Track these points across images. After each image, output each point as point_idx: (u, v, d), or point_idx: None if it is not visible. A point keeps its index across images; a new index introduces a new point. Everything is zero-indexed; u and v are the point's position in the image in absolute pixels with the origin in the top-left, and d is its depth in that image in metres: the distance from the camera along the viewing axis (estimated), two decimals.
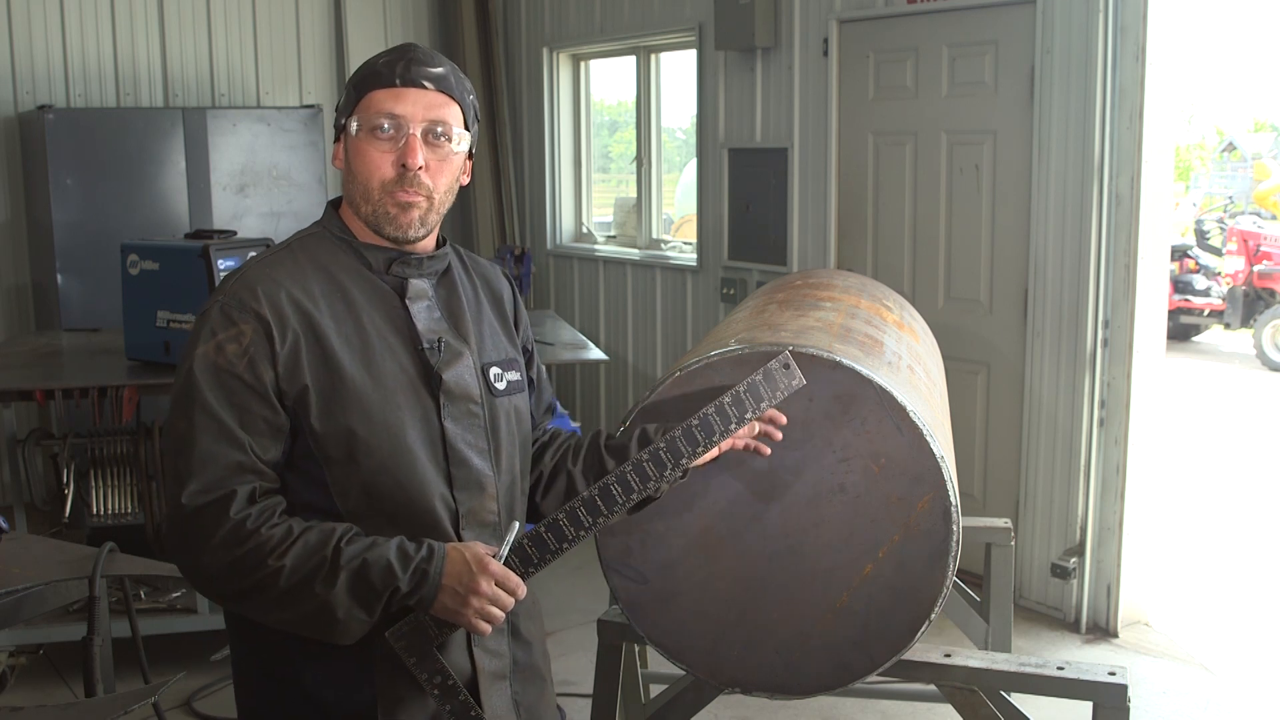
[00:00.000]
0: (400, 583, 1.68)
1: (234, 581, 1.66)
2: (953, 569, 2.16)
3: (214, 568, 1.66)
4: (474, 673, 1.85)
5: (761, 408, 1.92)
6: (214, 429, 1.67)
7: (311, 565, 1.65)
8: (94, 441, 4.49)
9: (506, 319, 2.01)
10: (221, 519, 1.64)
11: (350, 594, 1.66)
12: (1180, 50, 4.46)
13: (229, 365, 1.69)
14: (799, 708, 3.96)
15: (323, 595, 1.65)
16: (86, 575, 2.62)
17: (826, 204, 5.49)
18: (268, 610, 1.69)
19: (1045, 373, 4.68)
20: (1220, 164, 20.14)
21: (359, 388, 1.74)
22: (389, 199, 1.79)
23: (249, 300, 1.72)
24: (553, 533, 1.80)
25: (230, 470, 1.67)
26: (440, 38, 7.59)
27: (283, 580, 1.64)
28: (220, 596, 1.72)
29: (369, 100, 1.79)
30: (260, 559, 1.64)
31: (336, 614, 1.66)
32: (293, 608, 1.67)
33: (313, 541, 1.67)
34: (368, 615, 1.69)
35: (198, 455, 1.66)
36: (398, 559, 1.68)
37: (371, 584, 1.67)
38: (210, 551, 1.64)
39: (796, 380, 1.94)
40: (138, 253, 4.25)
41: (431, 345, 1.83)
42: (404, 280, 1.85)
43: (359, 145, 1.80)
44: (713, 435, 1.89)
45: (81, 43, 6.41)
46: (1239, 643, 4.65)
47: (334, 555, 1.66)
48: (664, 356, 6.59)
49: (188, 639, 4.22)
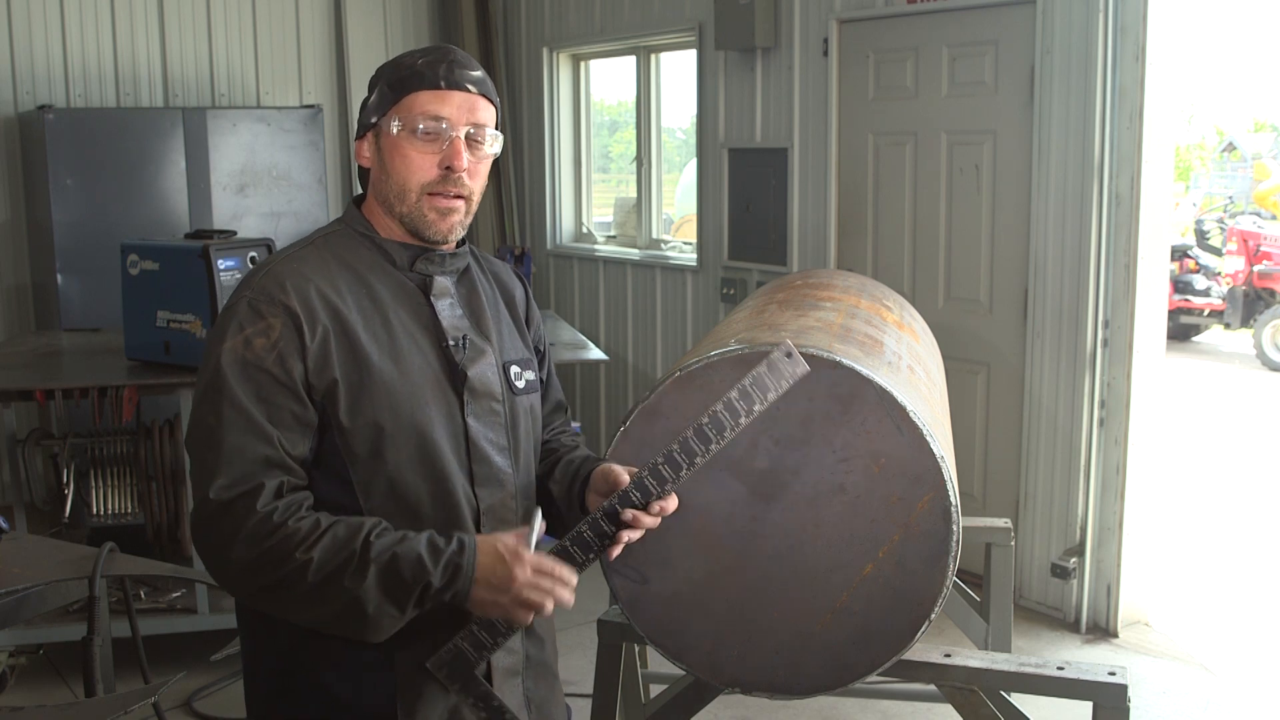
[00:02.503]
0: (432, 577, 1.65)
1: (261, 576, 1.63)
2: (953, 569, 2.16)
3: (241, 562, 1.63)
4: (488, 669, 1.86)
5: (769, 398, 1.90)
6: (242, 423, 1.66)
7: (340, 559, 1.63)
8: (94, 441, 4.49)
9: (519, 318, 2.02)
10: (249, 512, 1.62)
11: (380, 589, 1.64)
12: (1180, 50, 4.46)
13: (257, 360, 1.68)
14: (799, 708, 3.96)
15: (352, 590, 1.62)
16: (86, 575, 2.62)
17: (826, 204, 5.49)
18: (296, 606, 1.66)
19: (1045, 373, 4.68)
20: (1220, 164, 20.15)
21: (387, 382, 1.74)
22: (428, 202, 1.80)
23: (277, 294, 1.72)
24: (578, 545, 1.81)
25: (258, 464, 1.65)
26: (440, 38, 7.58)
27: (310, 574, 1.61)
28: (247, 593, 1.69)
29: (411, 101, 1.79)
30: (287, 552, 1.62)
31: (367, 610, 1.64)
32: (321, 603, 1.64)
33: (341, 535, 1.65)
34: (399, 611, 1.66)
35: (226, 449, 1.65)
36: (428, 553, 1.66)
37: (403, 578, 1.64)
38: (237, 545, 1.62)
39: (801, 368, 1.93)
40: (138, 253, 4.25)
41: (456, 342, 1.84)
42: (428, 277, 1.85)
43: (398, 144, 1.79)
44: (724, 431, 1.88)
45: (81, 43, 6.41)
46: (1239, 643, 4.65)
47: (363, 549, 1.64)
48: (664, 356, 6.59)
49: (188, 639, 4.22)
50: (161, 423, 4.38)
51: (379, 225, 1.86)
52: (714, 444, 1.87)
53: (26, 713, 2.24)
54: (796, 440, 2.15)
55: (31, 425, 5.45)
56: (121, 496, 4.51)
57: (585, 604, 4.51)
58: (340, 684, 1.79)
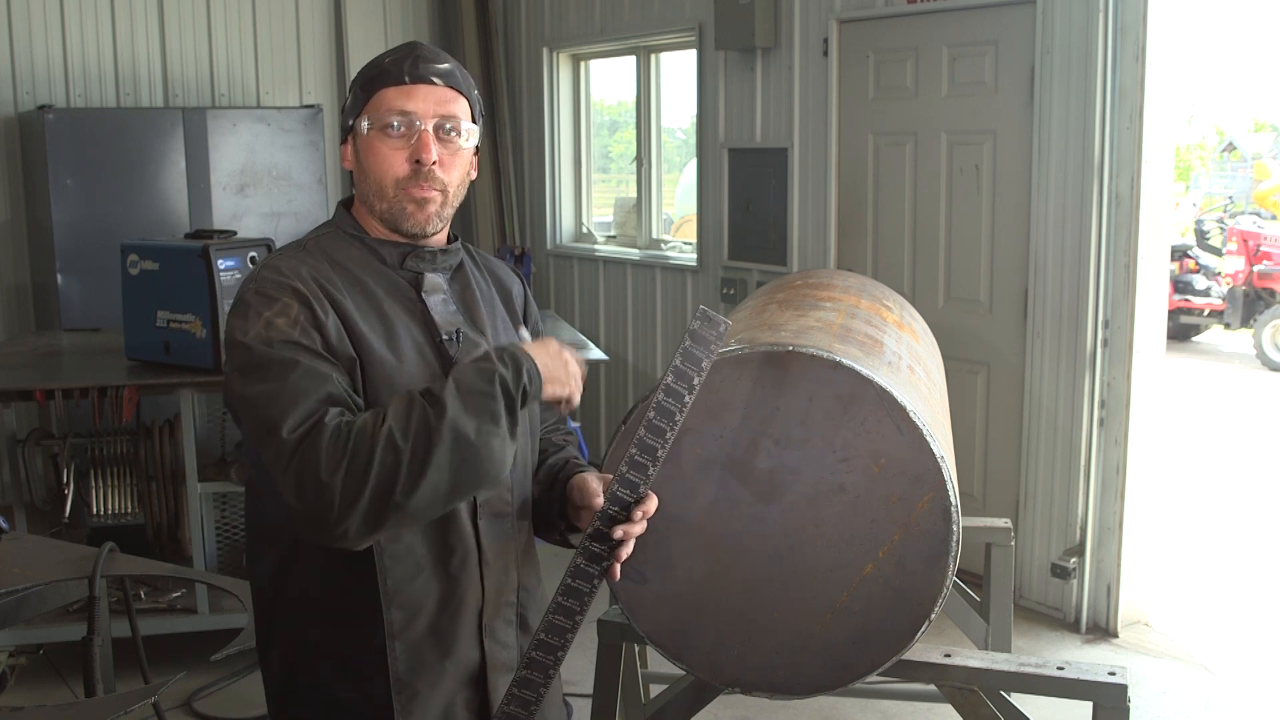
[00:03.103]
0: (498, 369, 1.66)
1: (363, 480, 1.58)
2: (953, 569, 2.16)
3: (337, 479, 1.58)
4: (484, 663, 1.87)
5: (704, 368, 1.88)
6: (297, 373, 1.65)
7: (416, 415, 1.61)
8: (94, 441, 4.49)
9: (516, 314, 2.03)
10: (320, 433, 1.60)
11: (467, 410, 1.62)
12: (1180, 50, 4.46)
13: (284, 335, 1.67)
14: (799, 708, 3.96)
15: (444, 429, 1.60)
16: (86, 575, 2.62)
17: (826, 204, 5.49)
18: (411, 486, 1.59)
19: (1045, 373, 4.68)
20: (1220, 164, 20.16)
21: (389, 371, 1.75)
22: (404, 195, 1.81)
23: (283, 280, 1.73)
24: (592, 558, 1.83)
25: (321, 401, 1.64)
26: (440, 38, 7.59)
27: (400, 442, 1.59)
28: (365, 514, 1.60)
29: (379, 99, 1.80)
30: (368, 439, 1.59)
31: (470, 436, 1.61)
32: (427, 460, 1.59)
33: (399, 405, 1.63)
34: (495, 425, 1.64)
35: (287, 396, 1.63)
36: (480, 360, 1.69)
37: (477, 388, 1.64)
38: (324, 465, 1.58)
39: (722, 325, 1.88)
40: (138, 253, 4.25)
41: (450, 337, 1.84)
42: (419, 274, 1.86)
43: (371, 144, 1.81)
44: (674, 417, 1.87)
45: (81, 43, 6.41)
46: (1239, 643, 4.65)
47: (425, 395, 1.64)
48: (664, 356, 6.59)
49: (188, 639, 4.21)
50: (161, 423, 4.38)
51: (368, 226, 1.87)
52: (669, 432, 1.86)
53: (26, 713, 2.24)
54: (796, 440, 2.15)
55: (31, 425, 5.45)
56: (121, 496, 4.51)
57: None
58: (338, 686, 1.80)
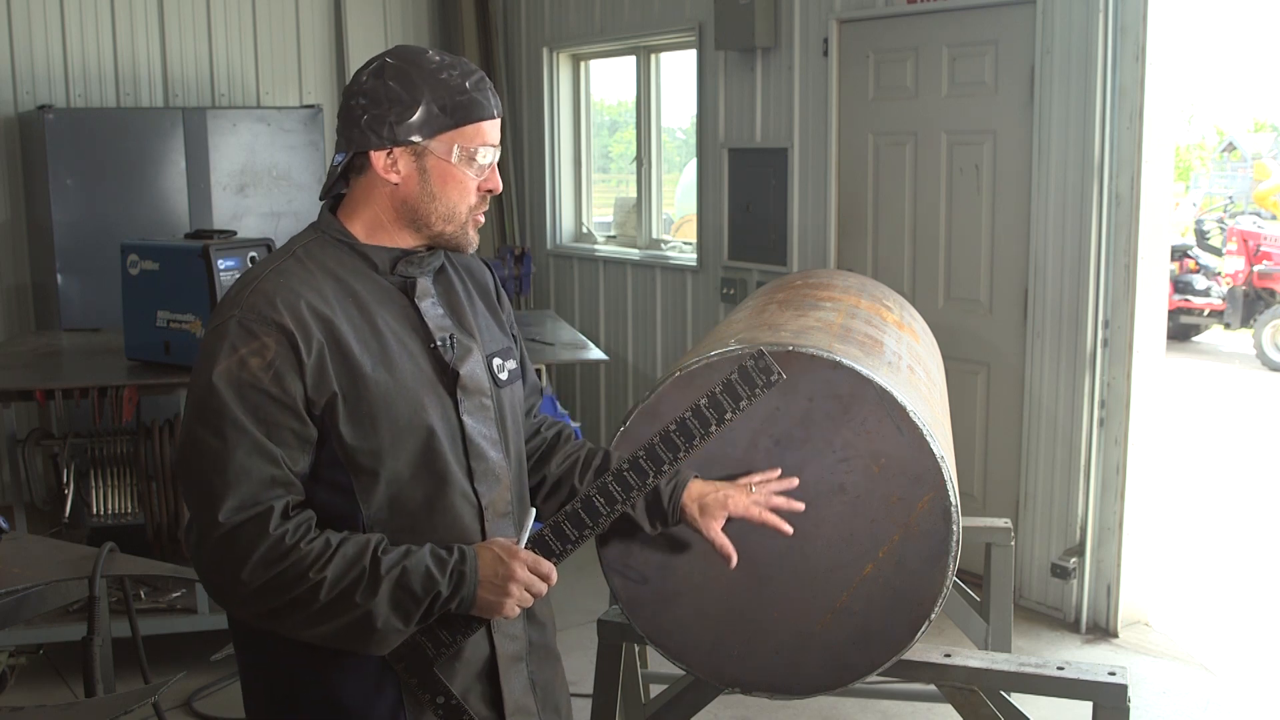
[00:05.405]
0: (441, 586, 1.70)
1: (273, 598, 1.65)
2: (953, 569, 2.16)
3: (253, 585, 1.64)
4: (493, 656, 1.89)
5: (741, 407, 1.88)
6: (247, 444, 1.66)
7: (352, 577, 1.66)
8: (94, 441, 4.48)
9: (494, 307, 2.03)
10: (261, 535, 1.63)
11: (391, 603, 1.68)
12: (1180, 50, 4.46)
13: (254, 380, 1.67)
14: (799, 708, 3.96)
15: (364, 606, 1.66)
16: (86, 575, 2.62)
17: (826, 204, 5.49)
18: (305, 625, 1.68)
19: (1045, 373, 4.68)
20: (1220, 164, 20.15)
21: (384, 391, 1.75)
22: (472, 221, 1.86)
23: (269, 312, 1.70)
24: (557, 533, 1.86)
25: (265, 485, 1.66)
26: (440, 38, 7.59)
27: (323, 593, 1.65)
28: (256, 614, 1.70)
29: (474, 130, 1.80)
30: (301, 573, 1.64)
31: (376, 624, 1.68)
32: (331, 620, 1.67)
33: (350, 553, 1.68)
34: (404, 625, 1.71)
35: (232, 471, 1.64)
36: (435, 564, 1.71)
37: (413, 591, 1.69)
38: (250, 569, 1.63)
39: (775, 375, 1.89)
40: (138, 253, 4.25)
41: (443, 342, 1.84)
42: (410, 279, 1.86)
43: (454, 172, 1.80)
44: (693, 439, 1.86)
45: (81, 43, 6.41)
46: (1239, 643, 4.65)
47: (373, 565, 1.68)
48: (664, 356, 6.59)
49: (188, 639, 4.21)
50: (161, 423, 4.38)
51: (358, 231, 1.84)
52: (681, 453, 1.87)
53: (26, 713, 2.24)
54: (796, 440, 2.15)
55: (31, 425, 5.45)
56: (121, 496, 4.50)
57: (585, 604, 4.54)
58: (344, 694, 1.80)
